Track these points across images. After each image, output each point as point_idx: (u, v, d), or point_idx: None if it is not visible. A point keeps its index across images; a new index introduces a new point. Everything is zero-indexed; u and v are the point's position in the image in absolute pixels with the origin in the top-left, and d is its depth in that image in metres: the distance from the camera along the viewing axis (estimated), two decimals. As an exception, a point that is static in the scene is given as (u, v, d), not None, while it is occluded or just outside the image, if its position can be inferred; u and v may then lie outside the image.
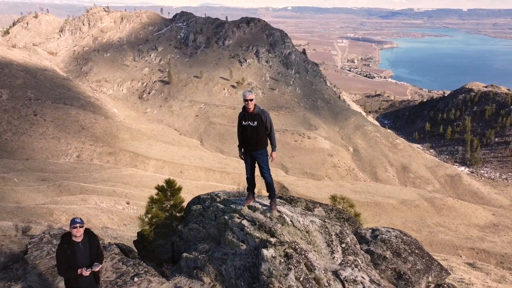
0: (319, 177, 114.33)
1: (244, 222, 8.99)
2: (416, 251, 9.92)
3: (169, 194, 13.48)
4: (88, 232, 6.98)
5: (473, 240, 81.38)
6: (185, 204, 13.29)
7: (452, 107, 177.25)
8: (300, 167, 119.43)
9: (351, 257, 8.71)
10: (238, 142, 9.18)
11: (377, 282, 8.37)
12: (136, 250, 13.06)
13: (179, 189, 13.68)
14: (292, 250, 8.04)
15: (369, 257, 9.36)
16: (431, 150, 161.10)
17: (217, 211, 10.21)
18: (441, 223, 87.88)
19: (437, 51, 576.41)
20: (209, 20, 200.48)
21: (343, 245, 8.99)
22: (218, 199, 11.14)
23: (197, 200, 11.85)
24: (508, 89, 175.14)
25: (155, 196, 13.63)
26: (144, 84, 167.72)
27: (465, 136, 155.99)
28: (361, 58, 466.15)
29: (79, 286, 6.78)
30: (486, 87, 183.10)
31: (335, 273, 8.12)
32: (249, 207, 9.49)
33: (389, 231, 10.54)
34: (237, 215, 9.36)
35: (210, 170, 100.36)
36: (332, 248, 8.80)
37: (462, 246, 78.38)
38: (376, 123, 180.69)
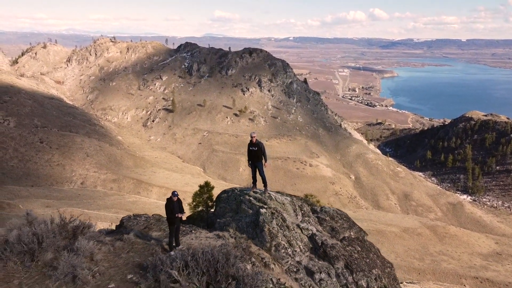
0: (321, 205, 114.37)
1: (251, 198, 16.41)
2: (344, 218, 17.91)
3: (205, 190, 24.56)
4: (178, 198, 12.97)
5: (476, 269, 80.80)
6: (214, 196, 21.76)
7: (453, 136, 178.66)
8: (302, 195, 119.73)
9: (306, 218, 16.51)
10: (247, 158, 16.31)
11: (320, 231, 16.03)
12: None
13: (212, 188, 25.12)
14: (275, 211, 15.26)
15: (317, 219, 17.12)
16: (432, 178, 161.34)
17: (236, 195, 17.52)
18: (444, 251, 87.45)
19: (437, 80, 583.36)
20: (213, 51, 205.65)
21: (302, 212, 16.77)
22: (236, 190, 18.26)
23: (224, 192, 18.85)
24: (507, 118, 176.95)
25: (197, 192, 24.95)
26: (148, 112, 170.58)
27: (467, 164, 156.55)
28: (362, 87, 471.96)
29: (175, 221, 12.63)
30: (485, 115, 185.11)
31: (297, 225, 15.52)
32: (254, 192, 16.89)
33: (330, 208, 18.73)
34: (247, 195, 16.73)
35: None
36: (296, 213, 16.46)
37: (465, 275, 77.79)
38: (378, 151, 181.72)
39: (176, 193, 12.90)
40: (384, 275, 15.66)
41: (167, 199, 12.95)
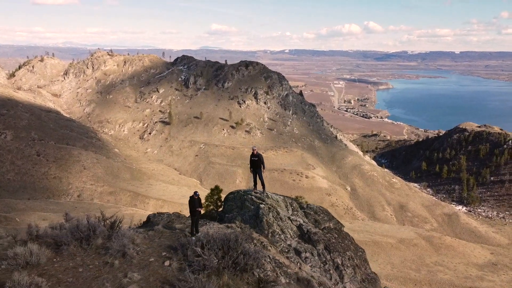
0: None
1: (252, 197, 20.28)
2: (325, 212, 22.18)
3: (215, 192, 31.13)
4: (198, 196, 16.08)
5: (472, 279, 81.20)
6: (222, 197, 27.91)
7: (447, 147, 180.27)
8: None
9: (295, 212, 20.80)
10: (249, 165, 20.41)
11: (306, 222, 20.00)
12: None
13: (221, 190, 31.66)
14: (271, 206, 19.28)
15: (303, 213, 21.25)
16: (428, 189, 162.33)
17: (240, 195, 21.33)
18: (439, 262, 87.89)
19: (432, 92, 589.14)
20: (209, 64, 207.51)
21: (292, 207, 21.06)
22: (241, 191, 21.99)
23: (231, 193, 22.59)
24: (501, 129, 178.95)
25: (209, 194, 31.47)
26: (145, 125, 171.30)
27: (461, 175, 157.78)
28: (358, 99, 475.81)
29: (196, 214, 15.79)
30: (479, 127, 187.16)
31: (288, 217, 19.52)
32: (254, 192, 20.76)
33: (313, 205, 23.02)
34: (249, 195, 20.58)
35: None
36: (287, 208, 20.71)
37: (461, 286, 78.15)
38: (373, 162, 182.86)
39: (197, 193, 16.34)
40: (356, 257, 19.86)
41: (190, 197, 16.41)
